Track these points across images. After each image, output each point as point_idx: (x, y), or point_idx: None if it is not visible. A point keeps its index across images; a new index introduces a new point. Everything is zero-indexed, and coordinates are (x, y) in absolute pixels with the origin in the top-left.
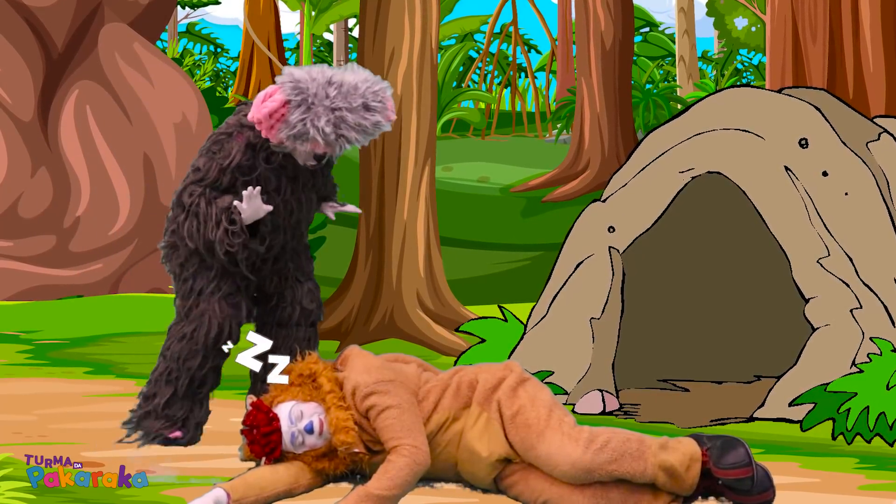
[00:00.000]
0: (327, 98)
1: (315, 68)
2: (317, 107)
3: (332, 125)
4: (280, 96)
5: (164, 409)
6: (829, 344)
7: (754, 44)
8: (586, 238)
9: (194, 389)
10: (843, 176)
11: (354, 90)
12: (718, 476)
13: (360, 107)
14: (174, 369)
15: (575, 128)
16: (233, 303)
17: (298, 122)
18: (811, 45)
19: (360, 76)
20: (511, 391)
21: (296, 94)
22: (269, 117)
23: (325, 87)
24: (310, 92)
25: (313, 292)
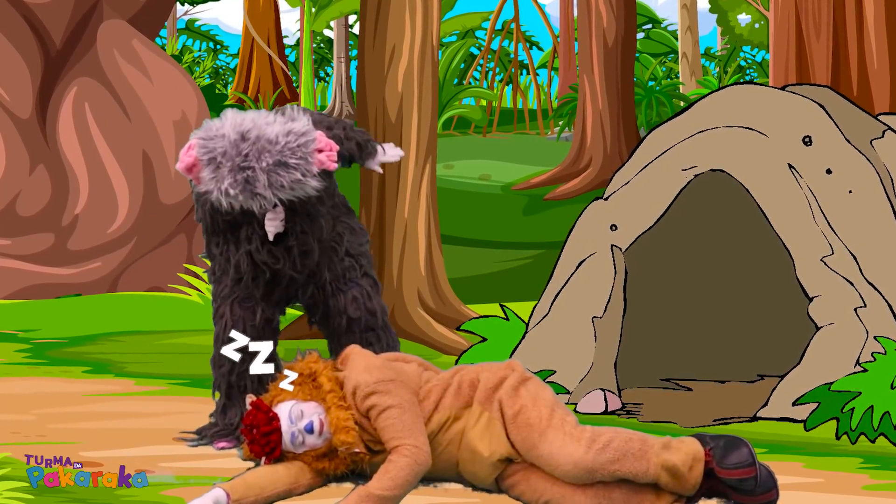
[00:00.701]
0: (238, 156)
1: (238, 117)
2: (223, 167)
3: (240, 186)
4: (193, 152)
5: (221, 415)
6: (833, 343)
7: (757, 40)
8: (588, 236)
9: (238, 394)
10: (847, 174)
11: (271, 145)
12: (721, 476)
13: (274, 164)
14: (216, 377)
15: (577, 125)
16: (247, 306)
17: (208, 180)
18: (815, 41)
19: (284, 128)
20: (513, 390)
21: (203, 152)
22: (189, 171)
23: (236, 143)
24: (217, 150)
25: (358, 299)
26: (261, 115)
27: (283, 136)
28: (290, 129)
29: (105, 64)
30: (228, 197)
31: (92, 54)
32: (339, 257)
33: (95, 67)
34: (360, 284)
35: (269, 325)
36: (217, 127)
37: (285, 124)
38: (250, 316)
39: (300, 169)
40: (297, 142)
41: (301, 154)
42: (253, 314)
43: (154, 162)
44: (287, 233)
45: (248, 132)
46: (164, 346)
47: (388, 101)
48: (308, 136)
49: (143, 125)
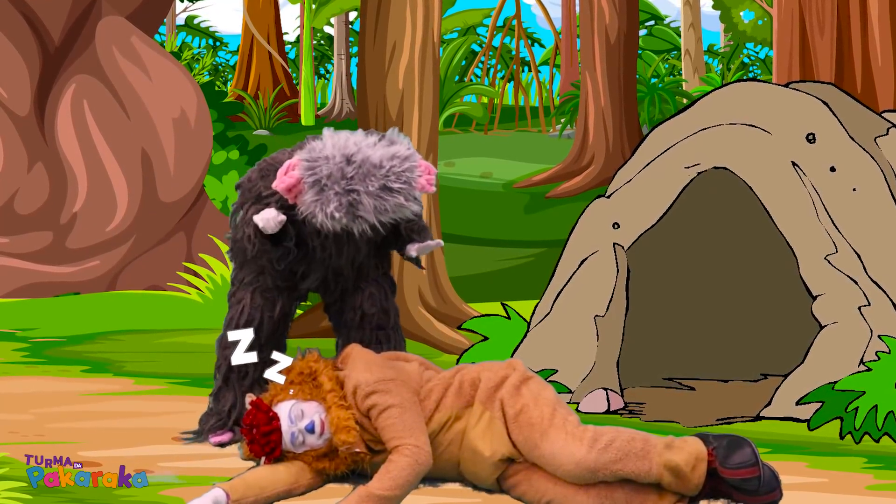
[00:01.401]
0: (343, 179)
1: (341, 139)
2: (328, 190)
3: (345, 209)
4: (296, 173)
5: (215, 402)
6: (837, 342)
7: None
8: (590, 234)
9: (237, 379)
10: (851, 171)
11: (376, 169)
12: (725, 476)
13: (379, 188)
14: (218, 356)
15: (579, 123)
16: (268, 297)
17: (311, 202)
18: (819, 38)
19: (387, 152)
20: (514, 390)
21: (309, 174)
22: (289, 191)
23: (341, 166)
24: (323, 173)
25: (375, 296)
26: (363, 137)
27: (388, 160)
28: (394, 154)
29: (104, 61)
30: (333, 220)
31: (90, 51)
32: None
33: (94, 64)
34: (378, 282)
35: (286, 319)
36: (320, 148)
37: (388, 147)
38: (269, 306)
39: (403, 193)
40: (402, 166)
41: (405, 178)
42: (273, 305)
43: (153, 160)
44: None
45: (354, 155)
46: (163, 345)
47: (388, 98)
48: (412, 161)
49: (143, 123)
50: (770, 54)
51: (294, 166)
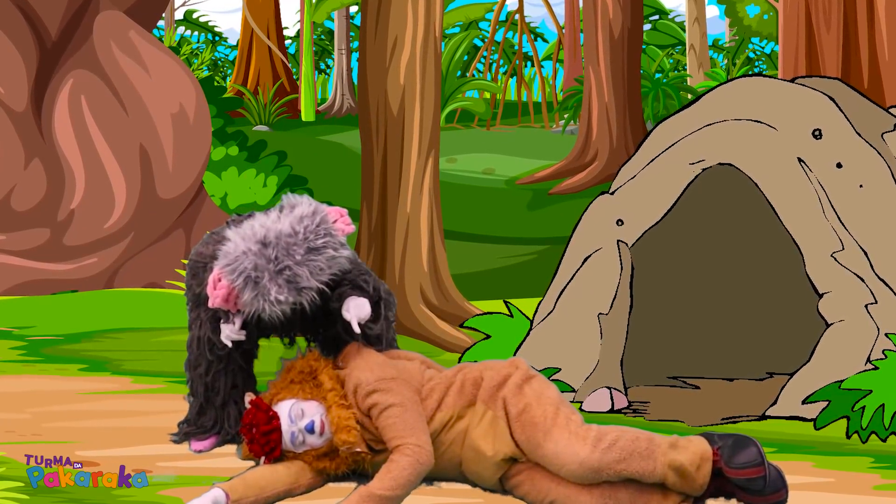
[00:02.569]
0: (270, 263)
1: (247, 230)
2: (262, 280)
3: (286, 289)
4: (224, 283)
5: (197, 418)
6: (844, 340)
7: (766, 32)
8: (594, 231)
9: (212, 397)
10: (858, 167)
11: (293, 237)
12: (730, 476)
13: (305, 253)
14: (190, 380)
15: (582, 118)
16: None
17: (252, 300)
18: (825, 33)
19: (294, 217)
20: (517, 388)
21: (236, 276)
22: (226, 302)
23: (260, 252)
24: (248, 268)
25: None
26: (264, 217)
27: (298, 223)
28: (301, 215)
29: (101, 56)
30: (280, 305)
31: (88, 46)
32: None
33: (92, 59)
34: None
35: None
36: (233, 248)
37: (291, 213)
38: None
39: (330, 245)
40: (314, 222)
41: (324, 231)
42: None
43: (151, 156)
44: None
45: (266, 237)
46: (161, 343)
47: (389, 93)
48: (320, 213)
49: (141, 118)
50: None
51: (219, 278)
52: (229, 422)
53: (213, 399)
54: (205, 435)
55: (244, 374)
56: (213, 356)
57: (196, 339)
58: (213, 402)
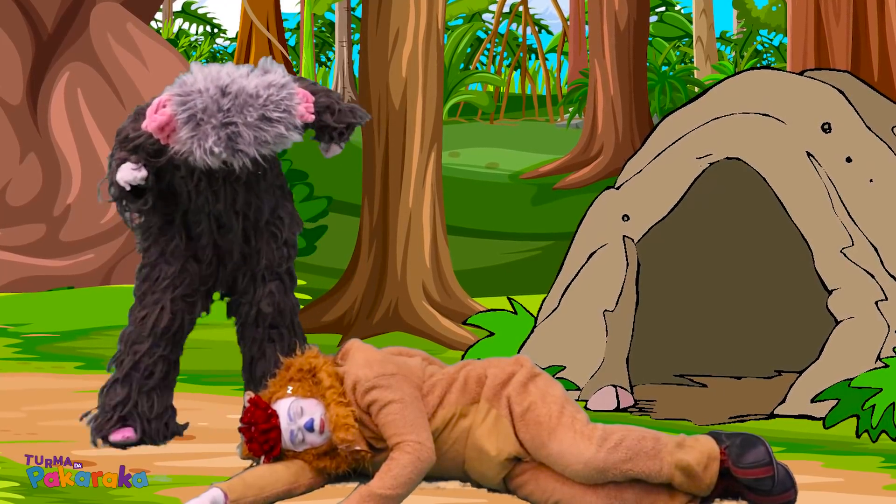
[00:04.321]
0: (220, 112)
1: (213, 71)
2: (205, 124)
3: (224, 143)
4: (168, 110)
5: (104, 396)
6: (853, 337)
7: (775, 24)
8: (599, 227)
9: (140, 378)
10: (868, 162)
11: (253, 99)
12: (738, 475)
13: (258, 119)
14: (121, 351)
15: (587, 112)
16: (189, 301)
17: (187, 139)
18: (834, 25)
19: (263, 81)
20: (521, 387)
21: (183, 109)
22: (161, 130)
23: (216, 99)
24: (198, 107)
25: (274, 294)
26: (235, 68)
27: (264, 88)
28: (270, 82)
29: (98, 48)
30: (212, 156)
31: (85, 38)
32: (277, 245)
33: (88, 52)
34: (281, 278)
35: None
36: (191, 82)
37: (263, 76)
38: (190, 309)
39: (283, 122)
40: (279, 95)
41: (284, 107)
42: (193, 307)
43: None
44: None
45: (228, 86)
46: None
47: (391, 86)
48: (289, 89)
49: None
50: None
51: (165, 103)
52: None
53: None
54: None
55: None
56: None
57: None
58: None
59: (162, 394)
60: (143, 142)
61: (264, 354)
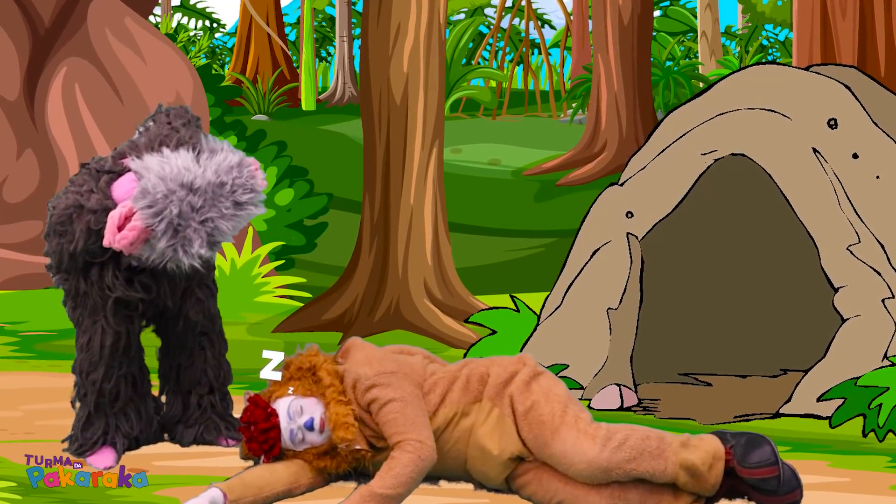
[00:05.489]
0: (194, 212)
1: (169, 170)
2: (184, 229)
3: (207, 243)
4: (138, 223)
5: (82, 431)
6: (860, 336)
7: (780, 18)
8: (603, 224)
9: (108, 404)
10: (875, 158)
11: (221, 189)
12: (743, 475)
13: (232, 207)
14: (81, 385)
15: (591, 107)
16: (126, 314)
17: (168, 248)
18: (840, 20)
19: (221, 165)
20: (524, 385)
21: (158, 220)
22: (131, 245)
23: (188, 200)
24: (173, 213)
25: (203, 301)
26: (183, 155)
27: (226, 174)
28: (230, 165)
29: (96, 43)
30: (199, 258)
31: (82, 33)
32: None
33: (86, 47)
34: (207, 286)
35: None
36: (154, 187)
37: (215, 158)
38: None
39: (253, 202)
40: (242, 175)
41: (250, 186)
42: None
43: None
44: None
45: (193, 183)
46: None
47: (393, 82)
48: (247, 165)
49: (136, 107)
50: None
51: (129, 216)
52: (128, 425)
53: (104, 407)
54: (96, 448)
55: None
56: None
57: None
58: (105, 410)
59: (138, 406)
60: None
61: (193, 363)
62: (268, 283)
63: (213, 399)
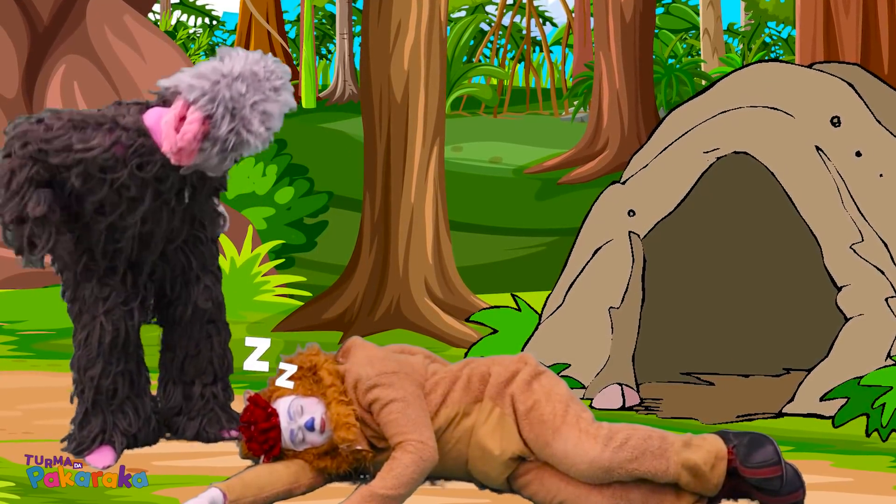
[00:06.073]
0: (242, 96)
1: (205, 68)
2: (240, 110)
3: (263, 123)
4: (197, 115)
5: (79, 428)
6: (863, 335)
7: (783, 16)
8: (605, 222)
9: (106, 401)
10: (878, 156)
11: (257, 77)
12: (745, 475)
13: (272, 91)
14: (78, 381)
15: (593, 105)
16: (126, 309)
17: (229, 134)
18: (844, 17)
19: (248, 59)
20: (525, 385)
21: (215, 105)
22: (194, 140)
23: (233, 85)
24: (226, 97)
25: (210, 289)
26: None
27: (255, 63)
28: (255, 58)
29: (95, 41)
30: (260, 138)
31: (81, 30)
32: (204, 245)
33: (85, 44)
34: (213, 272)
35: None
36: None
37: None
38: (129, 315)
39: (286, 87)
40: (269, 65)
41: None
42: (131, 314)
43: None
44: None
45: (233, 70)
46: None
47: (393, 79)
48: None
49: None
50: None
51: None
52: (126, 422)
53: (101, 404)
54: (94, 446)
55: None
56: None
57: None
58: (103, 407)
59: (136, 404)
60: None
61: (200, 352)
62: (268, 281)
63: (215, 389)
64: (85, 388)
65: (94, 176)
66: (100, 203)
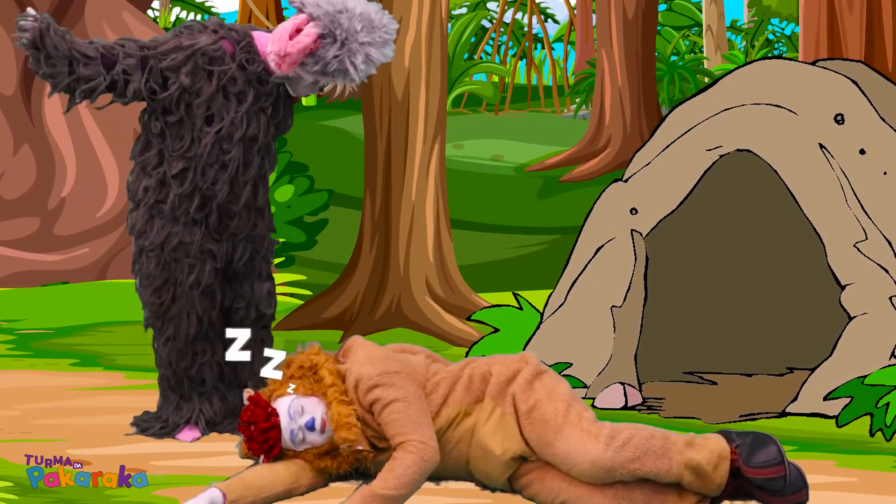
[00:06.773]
0: (357, 33)
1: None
2: (350, 43)
3: (367, 61)
4: (314, 30)
5: (175, 412)
6: (867, 334)
7: (787, 13)
8: (607, 220)
9: (196, 390)
10: (882, 154)
11: (372, 23)
12: (748, 475)
13: (381, 42)
14: (169, 374)
15: (595, 103)
16: (209, 294)
17: (333, 59)
18: (847, 14)
19: (371, 7)
20: (527, 384)
21: (333, 28)
22: (302, 51)
23: (352, 20)
24: (343, 27)
25: (273, 295)
26: None
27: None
28: (377, 7)
29: (93, 37)
30: (360, 72)
31: (80, 27)
32: (263, 229)
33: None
34: (272, 279)
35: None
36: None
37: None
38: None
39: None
40: (385, 20)
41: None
42: (213, 300)
43: None
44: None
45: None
46: None
47: (393, 76)
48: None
49: (134, 103)
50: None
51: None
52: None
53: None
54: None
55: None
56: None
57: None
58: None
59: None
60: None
61: (252, 360)
62: None
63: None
64: (181, 380)
65: (202, 70)
66: (207, 106)
